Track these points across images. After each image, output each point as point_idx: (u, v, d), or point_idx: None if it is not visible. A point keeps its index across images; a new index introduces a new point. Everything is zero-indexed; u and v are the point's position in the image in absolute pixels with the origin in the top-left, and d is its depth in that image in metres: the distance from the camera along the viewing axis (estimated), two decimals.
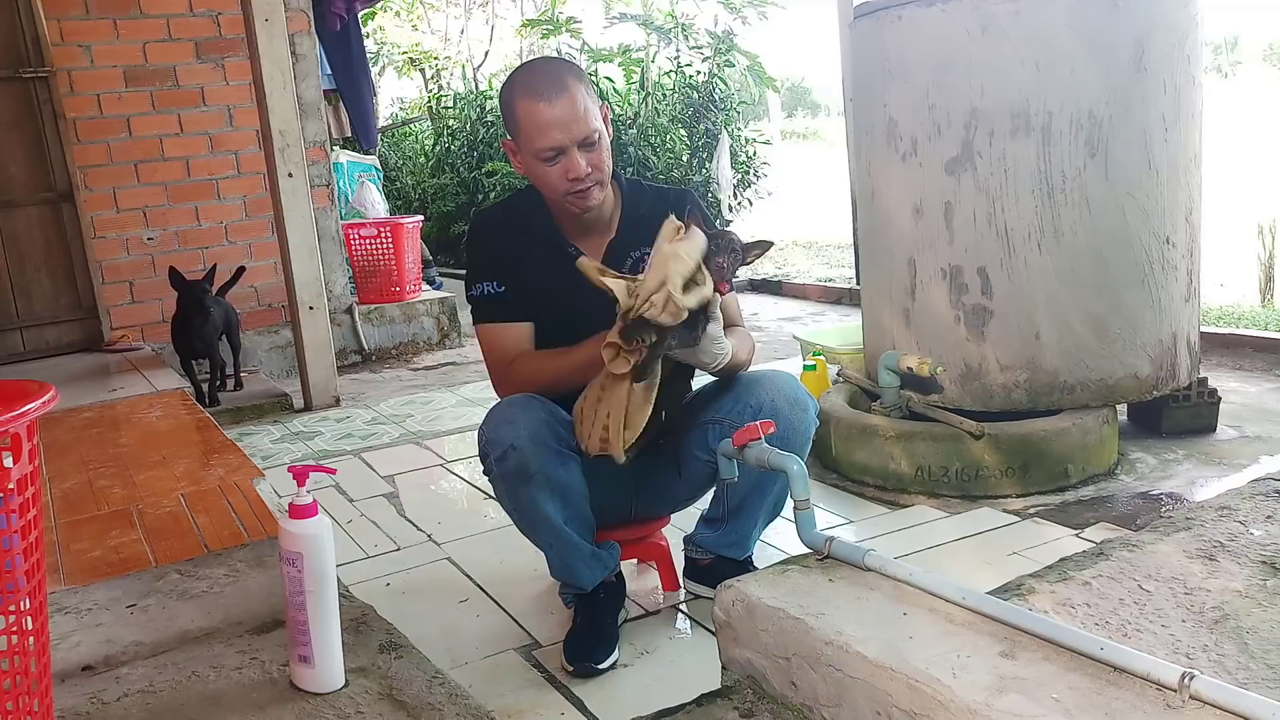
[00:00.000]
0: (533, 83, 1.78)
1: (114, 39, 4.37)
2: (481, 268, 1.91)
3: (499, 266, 1.89)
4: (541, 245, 1.88)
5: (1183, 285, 2.63)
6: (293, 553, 1.38)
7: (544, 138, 1.76)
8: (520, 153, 1.83)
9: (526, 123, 1.77)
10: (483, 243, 1.93)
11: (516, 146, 1.84)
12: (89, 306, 4.43)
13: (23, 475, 1.06)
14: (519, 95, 1.78)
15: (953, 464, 2.50)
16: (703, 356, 1.72)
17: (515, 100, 1.78)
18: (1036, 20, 2.39)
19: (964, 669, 1.15)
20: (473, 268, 1.93)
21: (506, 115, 1.83)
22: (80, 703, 1.42)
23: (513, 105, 1.79)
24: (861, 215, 2.98)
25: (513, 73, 1.91)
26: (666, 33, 7.57)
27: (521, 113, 1.77)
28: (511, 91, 1.80)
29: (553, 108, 1.75)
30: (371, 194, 6.04)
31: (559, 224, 1.89)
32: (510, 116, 1.81)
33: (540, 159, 1.78)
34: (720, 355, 1.74)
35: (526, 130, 1.78)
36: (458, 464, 3.15)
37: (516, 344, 1.89)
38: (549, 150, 1.76)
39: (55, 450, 2.76)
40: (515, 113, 1.79)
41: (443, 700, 1.39)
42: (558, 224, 1.89)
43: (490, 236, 1.92)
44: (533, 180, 1.86)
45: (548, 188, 1.83)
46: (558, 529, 1.80)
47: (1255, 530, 1.48)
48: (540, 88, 1.76)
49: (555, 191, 1.82)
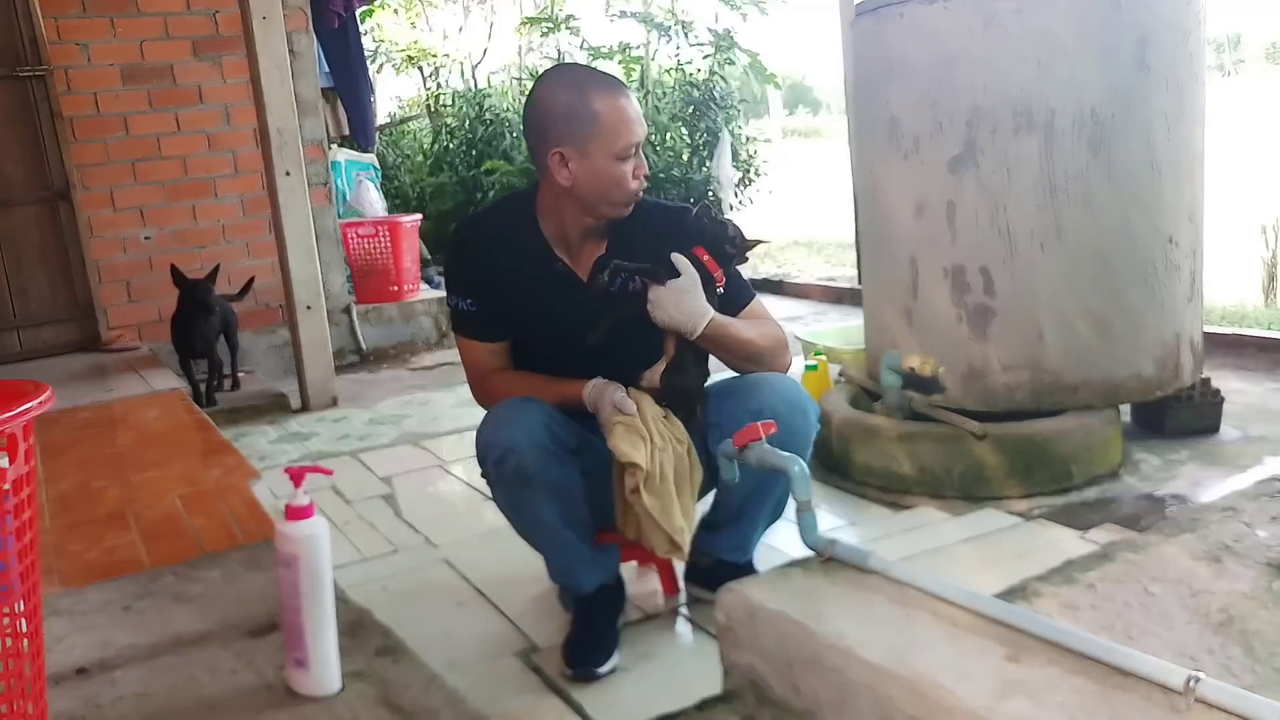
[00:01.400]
0: (604, 81, 1.77)
1: (111, 37, 4.36)
2: (456, 281, 1.90)
3: (473, 284, 1.87)
4: (527, 257, 1.85)
5: (1186, 285, 2.62)
6: (289, 555, 1.36)
7: (630, 133, 1.74)
8: (588, 157, 1.73)
9: (612, 119, 1.72)
10: (461, 257, 1.90)
11: (581, 151, 1.73)
12: (86, 306, 4.42)
13: (19, 476, 1.06)
14: (599, 93, 1.73)
15: (956, 465, 2.48)
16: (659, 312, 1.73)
17: (594, 99, 1.72)
18: (1039, 17, 2.37)
19: (968, 673, 1.14)
20: (449, 278, 1.92)
21: (573, 119, 1.72)
22: (75, 706, 1.41)
23: (589, 104, 1.72)
24: (863, 214, 2.96)
25: (560, 76, 1.85)
26: (666, 30, 7.56)
27: (607, 110, 1.72)
28: (583, 91, 1.73)
29: (631, 104, 1.76)
30: (370, 193, 6.02)
31: (548, 235, 1.86)
32: (583, 117, 1.72)
33: (619, 157, 1.74)
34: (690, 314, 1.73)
35: (611, 127, 1.72)
36: (456, 465, 3.14)
37: (488, 360, 1.90)
38: (631, 146, 1.74)
39: (51, 451, 2.75)
40: (594, 111, 1.72)
41: (440, 705, 1.38)
42: (546, 235, 1.86)
43: (469, 252, 1.89)
44: (591, 186, 1.76)
45: (615, 190, 1.77)
46: (557, 532, 1.79)
47: (1261, 532, 1.47)
48: (615, 85, 1.77)
49: (622, 193, 1.78)
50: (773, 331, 1.91)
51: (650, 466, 1.71)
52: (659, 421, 1.77)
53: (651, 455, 1.72)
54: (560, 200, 1.81)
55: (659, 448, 1.74)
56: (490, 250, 1.86)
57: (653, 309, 1.73)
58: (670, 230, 1.83)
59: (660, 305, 1.73)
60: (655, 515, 1.72)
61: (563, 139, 1.74)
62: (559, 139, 1.74)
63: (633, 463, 1.69)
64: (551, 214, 1.85)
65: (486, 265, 1.86)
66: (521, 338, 1.90)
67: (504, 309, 1.86)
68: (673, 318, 1.73)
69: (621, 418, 1.73)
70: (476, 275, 1.86)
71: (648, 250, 1.78)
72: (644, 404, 1.78)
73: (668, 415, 1.80)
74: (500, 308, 1.86)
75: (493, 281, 1.85)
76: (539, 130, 1.77)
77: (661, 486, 1.73)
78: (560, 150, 1.74)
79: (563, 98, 1.74)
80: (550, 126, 1.75)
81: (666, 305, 1.72)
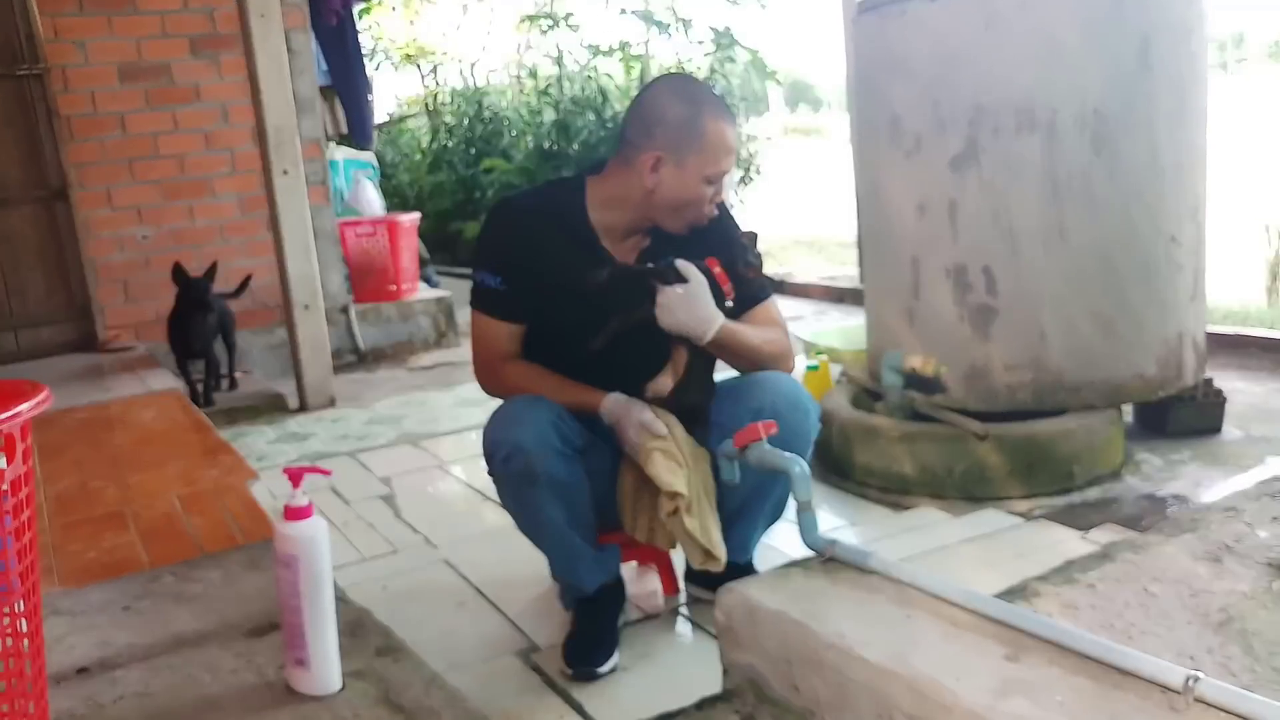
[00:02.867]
0: (720, 106, 1.80)
1: (108, 35, 4.35)
2: (487, 257, 1.88)
3: (504, 262, 1.85)
4: (573, 241, 1.84)
5: (1188, 284, 2.61)
6: (288, 555, 1.36)
7: (726, 162, 1.78)
8: (683, 168, 1.76)
9: (715, 142, 1.75)
10: (496, 234, 1.89)
11: (679, 160, 1.75)
12: (83, 306, 4.41)
13: (16, 476, 1.06)
14: (713, 115, 1.76)
15: (957, 465, 2.48)
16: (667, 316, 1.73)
17: (707, 119, 1.75)
18: (1041, 16, 2.37)
19: (968, 672, 1.14)
20: (481, 252, 1.90)
21: (683, 129, 1.74)
22: (75, 705, 1.41)
23: (701, 122, 1.74)
24: (864, 213, 2.96)
25: (680, 86, 1.86)
26: (666, 27, 7.55)
27: (713, 132, 1.75)
28: (700, 109, 1.75)
29: (735, 134, 1.80)
30: (368, 191, 6.01)
31: (597, 225, 1.86)
32: (692, 131, 1.74)
33: (708, 180, 1.77)
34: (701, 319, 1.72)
35: (712, 150, 1.75)
36: (455, 465, 3.13)
37: (501, 342, 1.88)
38: (721, 174, 1.78)
39: (49, 451, 2.74)
40: (703, 130, 1.74)
41: (440, 704, 1.38)
42: (595, 226, 1.86)
43: (506, 230, 1.87)
44: (671, 196, 1.78)
45: (691, 208, 1.80)
46: (561, 531, 1.79)
47: (1261, 532, 1.47)
48: (728, 113, 1.80)
49: (696, 213, 1.81)
50: (779, 339, 1.91)
51: (689, 492, 1.71)
52: (689, 443, 1.78)
53: (689, 481, 1.72)
54: (630, 196, 1.82)
55: (693, 470, 1.75)
56: (531, 231, 1.85)
57: (661, 313, 1.72)
58: (716, 236, 1.85)
59: (670, 309, 1.72)
60: (697, 536, 1.72)
61: (666, 145, 1.76)
62: (663, 144, 1.76)
63: (676, 491, 1.69)
64: (609, 206, 1.84)
65: (523, 245, 1.84)
66: (544, 324, 1.88)
67: (532, 291, 1.84)
68: (682, 323, 1.72)
69: (657, 443, 1.73)
70: (510, 254, 1.85)
71: (690, 250, 1.80)
72: (672, 426, 1.77)
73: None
74: (528, 289, 1.84)
75: (528, 262, 1.84)
76: (644, 130, 1.78)
77: (699, 508, 1.74)
78: (660, 154, 1.76)
79: (679, 107, 1.76)
80: (658, 130, 1.77)
81: (677, 310, 1.72)
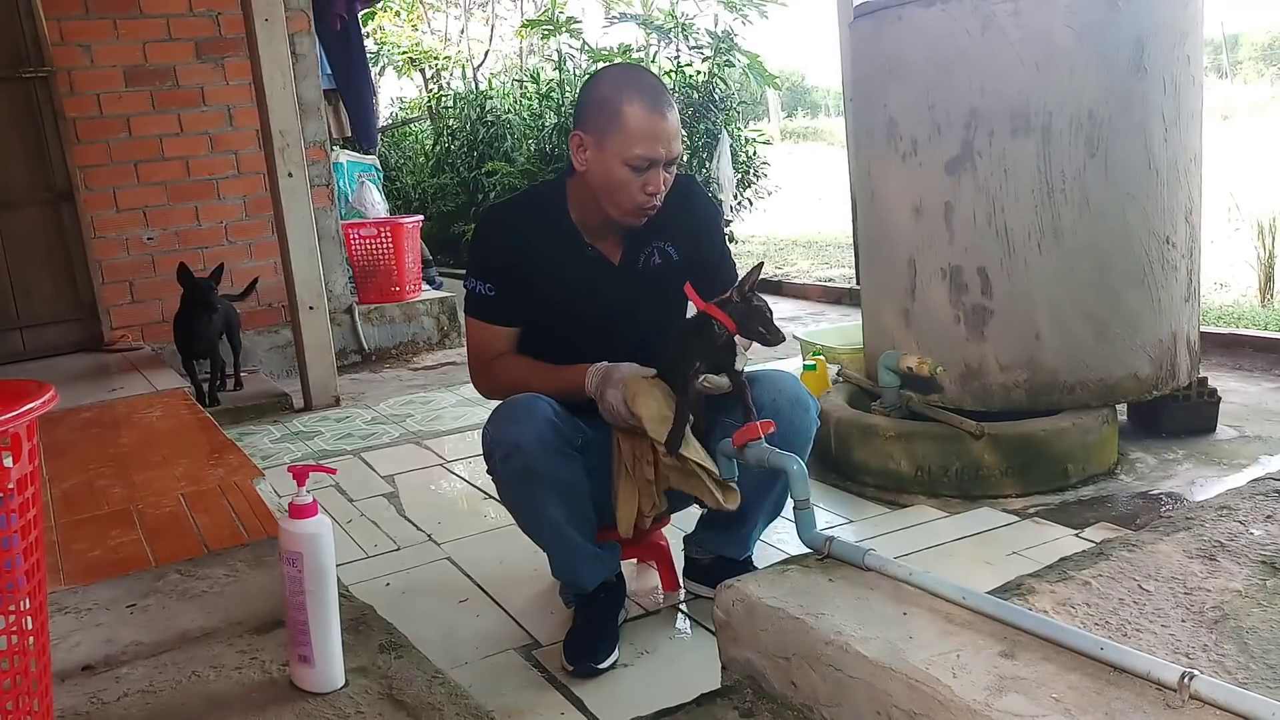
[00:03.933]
0: (646, 88, 1.78)
1: (114, 39, 4.37)
2: (478, 265, 1.91)
3: (494, 269, 1.89)
4: (557, 243, 1.88)
5: (1182, 285, 2.63)
6: (293, 552, 1.38)
7: (646, 147, 1.75)
8: (602, 150, 1.77)
9: (633, 126, 1.74)
10: (485, 243, 1.93)
11: (598, 142, 1.77)
12: (89, 306, 4.43)
13: (23, 475, 1.06)
14: (631, 97, 1.75)
15: (953, 464, 2.50)
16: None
17: (624, 101, 1.75)
18: (1036, 20, 2.39)
19: (964, 669, 1.15)
20: (472, 261, 1.94)
21: (602, 111, 1.76)
22: (80, 702, 1.42)
23: (618, 104, 1.75)
24: (861, 215, 2.98)
25: (613, 71, 1.91)
26: (666, 32, 7.56)
27: (630, 115, 1.74)
28: (619, 91, 1.76)
29: (664, 121, 1.76)
30: (371, 194, 6.04)
31: (577, 222, 1.89)
32: (609, 114, 1.75)
33: (629, 165, 1.75)
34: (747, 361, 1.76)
35: (629, 133, 1.74)
36: (458, 464, 3.15)
37: (495, 345, 1.92)
38: (645, 160, 1.75)
39: (55, 450, 2.76)
40: (621, 113, 1.74)
41: (443, 700, 1.39)
42: (576, 222, 1.89)
43: (494, 238, 1.91)
44: (599, 180, 1.80)
45: (620, 194, 1.79)
46: (561, 529, 1.80)
47: (1255, 530, 1.47)
48: (655, 97, 1.77)
49: (628, 200, 1.79)
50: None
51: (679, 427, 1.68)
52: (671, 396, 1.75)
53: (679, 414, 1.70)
54: (584, 187, 1.85)
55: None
56: (516, 237, 1.88)
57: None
58: (706, 218, 1.92)
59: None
60: (702, 461, 1.69)
61: (586, 126, 1.80)
62: (584, 125, 1.80)
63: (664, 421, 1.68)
64: (579, 201, 1.88)
65: (509, 252, 1.88)
66: (540, 324, 1.91)
67: (522, 295, 1.88)
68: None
69: (640, 385, 1.71)
70: (498, 261, 1.89)
71: (681, 232, 1.84)
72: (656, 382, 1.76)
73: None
74: (518, 294, 1.88)
75: (515, 268, 1.87)
76: (577, 113, 1.84)
77: (692, 447, 1.71)
78: (580, 134, 1.81)
79: (603, 90, 1.79)
80: (582, 111, 1.81)
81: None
